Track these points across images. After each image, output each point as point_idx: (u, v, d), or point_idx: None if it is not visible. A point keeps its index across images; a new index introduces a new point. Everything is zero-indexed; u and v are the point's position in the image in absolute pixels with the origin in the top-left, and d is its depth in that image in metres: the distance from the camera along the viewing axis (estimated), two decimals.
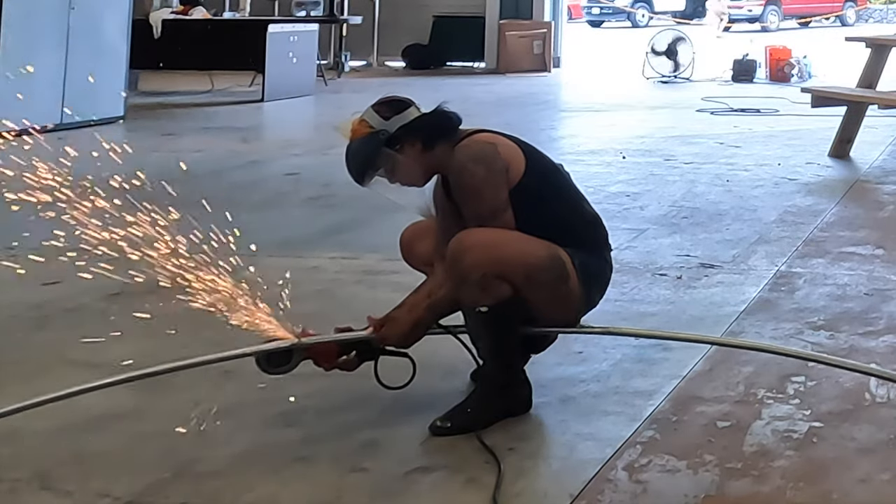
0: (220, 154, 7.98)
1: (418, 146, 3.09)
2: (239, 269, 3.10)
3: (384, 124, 3.07)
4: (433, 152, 3.10)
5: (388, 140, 3.06)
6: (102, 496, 2.68)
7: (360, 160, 3.08)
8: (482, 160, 3.05)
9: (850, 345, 3.83)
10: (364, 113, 3.11)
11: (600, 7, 30.96)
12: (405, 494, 2.72)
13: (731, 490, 2.76)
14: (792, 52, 14.25)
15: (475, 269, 2.96)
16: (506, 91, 12.49)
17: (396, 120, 3.08)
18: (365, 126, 3.07)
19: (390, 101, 3.15)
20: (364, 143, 3.06)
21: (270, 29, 11.38)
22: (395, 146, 3.07)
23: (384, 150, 3.06)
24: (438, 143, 3.10)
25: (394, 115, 3.08)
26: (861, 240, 5.36)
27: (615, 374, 3.51)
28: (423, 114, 3.14)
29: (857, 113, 7.87)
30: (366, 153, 3.06)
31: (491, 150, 3.08)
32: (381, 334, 3.14)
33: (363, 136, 3.06)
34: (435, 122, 3.13)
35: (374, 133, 3.06)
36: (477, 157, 3.05)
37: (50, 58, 8.77)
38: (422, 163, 3.11)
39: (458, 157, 3.07)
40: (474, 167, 3.04)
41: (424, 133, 3.09)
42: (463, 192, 3.07)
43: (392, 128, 3.07)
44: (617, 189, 6.62)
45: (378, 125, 3.06)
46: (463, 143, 3.10)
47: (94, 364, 3.58)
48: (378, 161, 3.08)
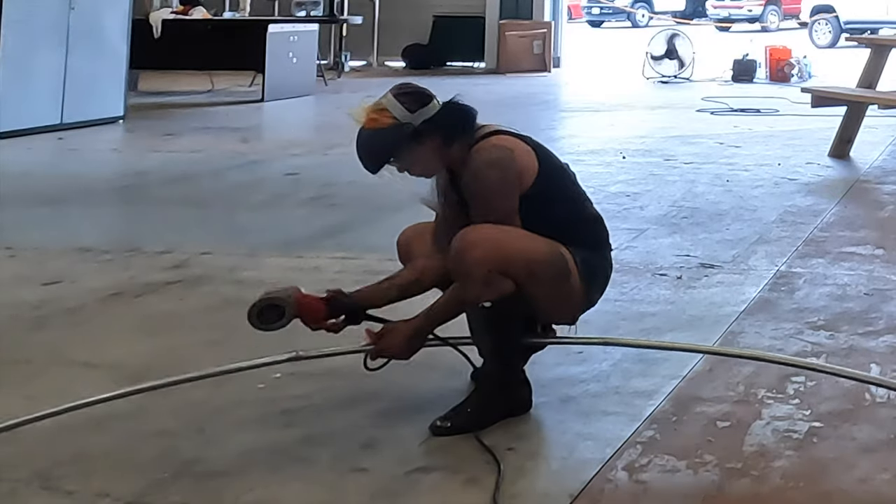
0: (220, 154, 7.97)
1: (438, 141, 3.09)
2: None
3: (409, 117, 3.04)
4: (451, 148, 3.10)
5: (412, 133, 3.05)
6: (102, 496, 2.68)
7: (381, 150, 3.06)
8: (498, 166, 3.05)
9: (850, 345, 3.83)
10: (385, 101, 3.07)
11: (600, 7, 30.97)
12: (405, 494, 2.72)
13: (731, 490, 2.76)
14: (792, 52, 14.26)
15: (479, 265, 2.97)
16: (506, 91, 12.49)
17: (421, 114, 3.06)
18: (387, 116, 3.04)
19: (414, 93, 3.11)
20: (387, 134, 3.03)
21: (270, 29, 11.38)
22: (417, 139, 3.06)
23: (408, 143, 3.06)
24: (457, 140, 3.10)
25: (419, 108, 3.06)
26: (861, 240, 5.36)
27: (615, 374, 3.51)
28: (443, 108, 3.11)
29: (857, 113, 7.87)
30: (388, 144, 3.05)
31: (508, 156, 3.07)
32: (378, 346, 3.12)
33: (386, 126, 3.03)
34: (456, 119, 3.12)
35: (399, 125, 3.03)
36: (493, 164, 3.05)
37: (50, 58, 8.78)
38: (438, 157, 3.11)
39: (475, 160, 3.06)
40: (490, 173, 3.04)
41: (446, 129, 3.09)
42: (475, 196, 3.08)
43: (416, 121, 3.05)
44: (617, 189, 6.62)
45: (402, 117, 3.04)
46: (481, 147, 3.09)
47: (94, 364, 3.58)
48: (400, 154, 3.07)
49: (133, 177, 7.17)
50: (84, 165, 7.49)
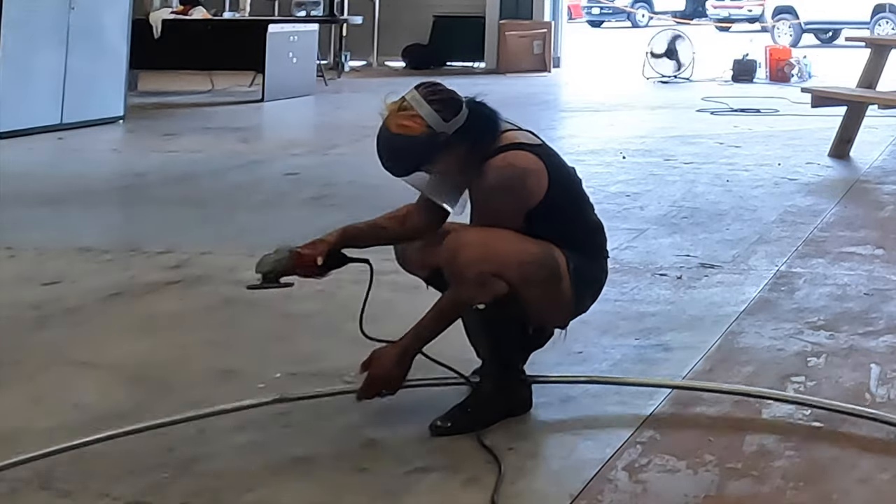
0: (220, 154, 7.97)
1: (463, 150, 3.07)
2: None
3: (443, 126, 3.01)
4: (473, 156, 3.08)
5: (444, 142, 3.02)
6: (102, 496, 2.68)
7: (414, 159, 3.03)
8: (510, 190, 3.04)
9: (850, 345, 3.83)
10: (416, 104, 3.01)
11: (600, 7, 30.99)
12: (405, 494, 2.72)
13: (731, 490, 2.76)
14: (792, 52, 14.26)
15: (472, 266, 2.96)
16: (506, 91, 12.48)
17: (454, 123, 3.03)
18: (420, 123, 2.99)
19: (447, 100, 3.07)
20: (421, 143, 2.99)
21: (270, 29, 11.37)
22: (447, 148, 3.04)
23: (440, 152, 3.03)
24: (481, 149, 3.09)
25: (453, 116, 3.03)
26: (861, 240, 5.36)
27: (615, 374, 3.51)
28: (471, 114, 3.08)
29: (857, 113, 7.87)
30: (421, 154, 3.02)
31: (519, 177, 3.04)
32: (369, 375, 3.07)
33: (419, 134, 2.99)
34: (483, 128, 3.10)
35: (434, 135, 3.00)
36: (505, 185, 3.03)
37: (50, 58, 8.78)
38: (462, 164, 3.09)
39: (489, 176, 3.04)
40: (501, 194, 3.03)
41: (475, 139, 3.07)
42: (482, 210, 3.09)
43: (450, 131, 3.02)
44: (617, 189, 6.62)
45: (437, 126, 3.00)
46: (495, 164, 3.05)
47: (94, 364, 3.58)
48: (433, 163, 3.06)
49: (133, 177, 7.17)
50: (84, 165, 7.49)
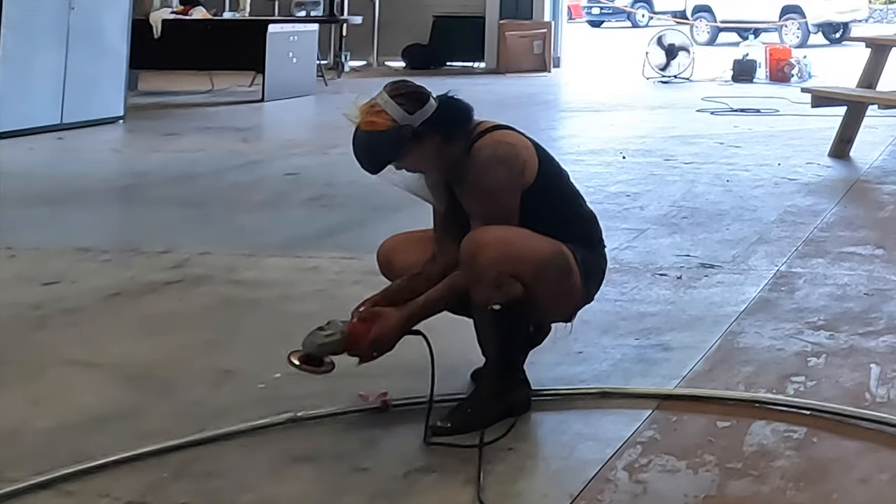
0: (220, 154, 7.97)
1: (437, 140, 3.07)
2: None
3: (407, 118, 3.02)
4: (450, 146, 3.09)
5: (411, 134, 3.03)
6: (102, 496, 2.68)
7: (381, 153, 3.04)
8: (503, 162, 3.05)
9: (850, 345, 3.83)
10: (381, 101, 3.03)
11: (600, 7, 30.96)
12: (405, 494, 2.72)
13: (731, 490, 2.76)
14: (792, 52, 14.25)
15: (491, 267, 2.97)
16: (506, 91, 12.49)
17: (420, 115, 3.04)
18: (385, 118, 3.01)
19: (411, 93, 3.08)
20: (386, 136, 3.01)
21: (270, 29, 11.37)
22: (416, 140, 3.05)
23: (408, 145, 3.04)
24: (456, 138, 3.09)
25: (417, 109, 3.04)
26: (861, 240, 5.36)
27: (615, 374, 3.51)
28: (440, 106, 3.09)
29: (857, 113, 7.87)
30: (388, 147, 3.02)
31: (512, 152, 3.08)
32: (371, 337, 3.06)
33: (385, 129, 3.00)
34: (454, 117, 3.11)
35: (399, 128, 3.01)
36: (499, 159, 3.05)
37: (50, 58, 8.77)
38: (438, 155, 3.09)
39: (479, 156, 3.06)
40: (496, 169, 3.04)
41: (445, 128, 3.07)
42: (479, 191, 3.07)
43: (415, 123, 3.03)
44: (617, 189, 6.62)
45: (401, 119, 3.01)
46: (484, 143, 3.09)
47: (94, 364, 3.58)
48: (401, 155, 3.06)
49: (133, 177, 7.17)
50: (84, 165, 7.49)
